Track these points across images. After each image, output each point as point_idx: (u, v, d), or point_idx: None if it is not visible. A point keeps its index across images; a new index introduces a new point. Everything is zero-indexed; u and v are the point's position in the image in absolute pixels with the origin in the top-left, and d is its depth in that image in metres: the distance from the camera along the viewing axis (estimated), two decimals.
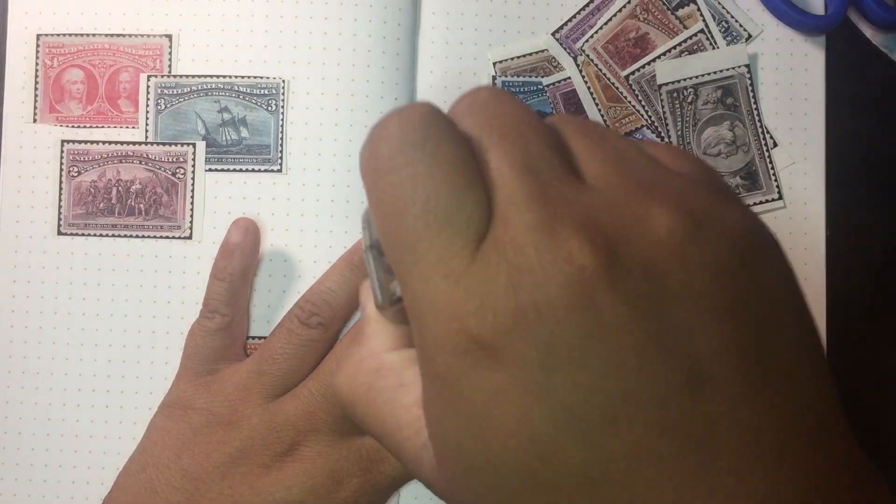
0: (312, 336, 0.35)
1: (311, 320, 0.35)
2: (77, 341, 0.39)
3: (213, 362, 0.36)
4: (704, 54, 0.40)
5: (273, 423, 0.33)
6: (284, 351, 0.35)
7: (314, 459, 0.33)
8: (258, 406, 0.34)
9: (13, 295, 0.39)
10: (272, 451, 0.33)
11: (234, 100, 0.39)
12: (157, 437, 0.35)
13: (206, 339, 0.36)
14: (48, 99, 0.40)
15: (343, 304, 0.36)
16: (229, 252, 0.36)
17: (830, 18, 0.40)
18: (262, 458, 0.33)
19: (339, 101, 0.39)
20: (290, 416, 0.33)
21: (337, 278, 0.36)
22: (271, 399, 0.34)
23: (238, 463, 0.33)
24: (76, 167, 0.39)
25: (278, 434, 0.33)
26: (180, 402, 0.35)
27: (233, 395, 0.34)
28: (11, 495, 0.38)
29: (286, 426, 0.33)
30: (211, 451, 0.33)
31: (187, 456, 0.34)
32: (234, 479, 0.33)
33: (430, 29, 0.40)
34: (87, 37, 0.40)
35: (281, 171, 0.39)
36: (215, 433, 0.34)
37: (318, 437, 0.33)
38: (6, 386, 0.39)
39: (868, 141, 0.41)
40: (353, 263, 0.36)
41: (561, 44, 0.40)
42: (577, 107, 0.40)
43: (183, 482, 0.33)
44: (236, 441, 0.33)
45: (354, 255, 0.37)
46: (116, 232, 0.39)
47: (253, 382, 0.34)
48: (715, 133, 0.40)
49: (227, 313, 0.36)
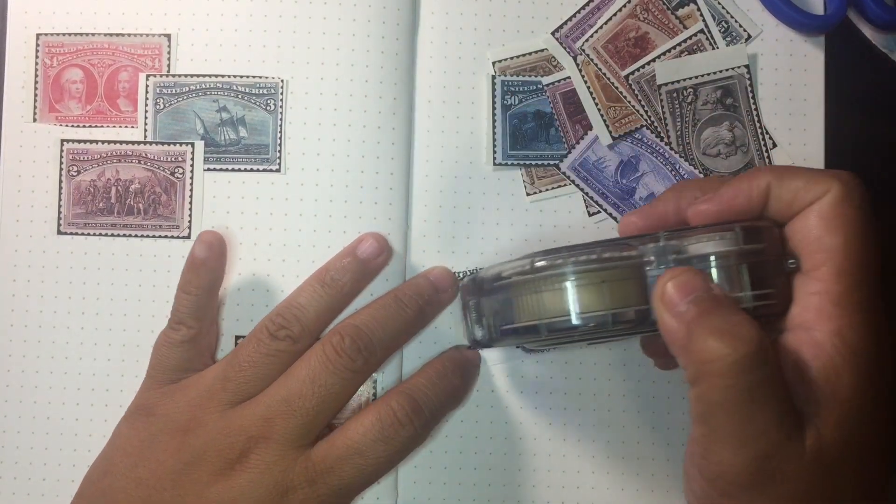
0: (280, 347, 0.35)
1: (280, 333, 0.35)
2: (77, 341, 0.39)
3: (178, 372, 0.36)
4: (704, 54, 0.40)
5: (228, 428, 0.33)
6: (251, 359, 0.35)
7: (261, 469, 0.33)
8: (216, 412, 0.34)
9: (13, 295, 0.39)
10: (223, 457, 0.33)
11: (232, 99, 0.39)
12: (118, 443, 0.35)
13: (171, 349, 0.36)
14: (48, 98, 0.40)
15: (312, 319, 0.36)
16: (195, 266, 0.37)
17: (830, 18, 0.40)
18: (214, 465, 0.33)
19: (339, 101, 0.39)
20: (246, 421, 0.33)
21: (308, 295, 0.36)
22: (231, 406, 0.34)
23: (190, 470, 0.33)
24: (76, 166, 0.39)
25: (231, 440, 0.33)
26: (142, 410, 0.36)
27: (195, 401, 0.35)
28: (11, 495, 0.39)
29: (240, 432, 0.33)
30: (166, 458, 0.34)
31: (143, 464, 0.34)
32: (185, 488, 0.33)
33: (429, 29, 0.40)
34: (86, 36, 0.40)
35: (279, 170, 0.39)
36: (173, 439, 0.34)
37: (268, 445, 0.33)
38: (6, 385, 0.39)
39: (868, 141, 0.41)
40: (324, 281, 0.37)
41: (560, 43, 0.40)
42: (576, 106, 0.40)
43: (137, 490, 0.33)
44: (191, 447, 0.33)
45: (326, 274, 0.37)
46: (116, 231, 0.39)
47: (216, 389, 0.35)
48: (714, 133, 0.40)
49: (193, 326, 0.36)
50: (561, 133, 0.40)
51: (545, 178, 0.40)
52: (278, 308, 0.36)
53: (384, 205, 0.39)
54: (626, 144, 0.40)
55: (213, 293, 0.38)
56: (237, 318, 0.39)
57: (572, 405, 0.39)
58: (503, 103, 0.40)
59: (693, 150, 0.40)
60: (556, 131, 0.40)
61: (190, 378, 0.36)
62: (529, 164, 0.40)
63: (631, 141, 0.40)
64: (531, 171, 0.40)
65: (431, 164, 0.40)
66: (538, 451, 0.39)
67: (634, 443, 0.39)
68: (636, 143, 0.40)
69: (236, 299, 0.39)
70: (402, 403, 0.34)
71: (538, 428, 0.39)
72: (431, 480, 0.39)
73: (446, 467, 0.39)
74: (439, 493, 0.39)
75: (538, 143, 0.40)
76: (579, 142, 0.40)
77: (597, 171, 0.40)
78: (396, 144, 0.39)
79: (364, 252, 0.37)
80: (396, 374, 0.39)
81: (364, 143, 0.39)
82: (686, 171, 0.40)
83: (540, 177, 0.40)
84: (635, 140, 0.40)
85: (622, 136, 0.40)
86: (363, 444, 0.33)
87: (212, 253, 0.37)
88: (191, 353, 0.36)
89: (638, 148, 0.40)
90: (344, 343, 0.34)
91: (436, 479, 0.39)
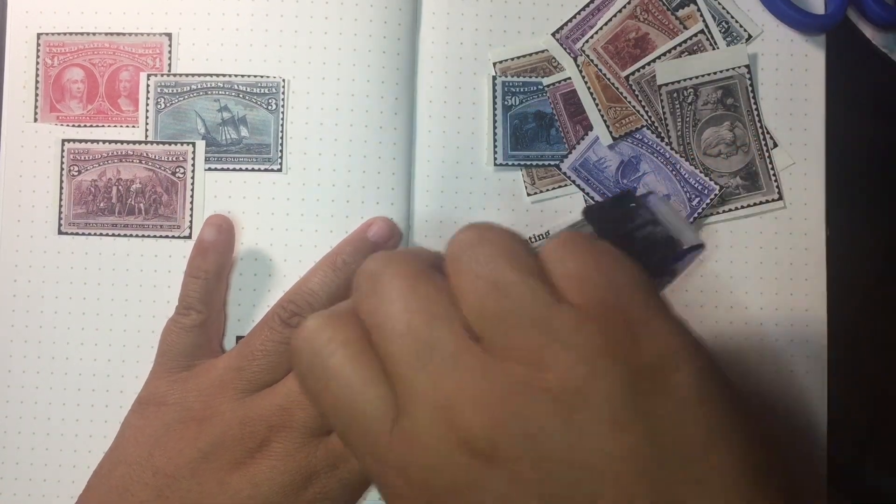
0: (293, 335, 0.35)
1: (293, 320, 0.35)
2: (77, 341, 0.39)
3: (188, 359, 0.36)
4: (704, 55, 0.40)
5: (246, 417, 0.33)
6: (264, 348, 0.34)
7: (285, 457, 0.33)
8: (233, 401, 0.34)
9: (13, 294, 0.39)
10: (243, 446, 0.33)
11: (233, 99, 0.39)
12: (129, 434, 0.35)
13: (180, 335, 0.36)
14: (48, 98, 0.40)
15: (324, 304, 0.35)
16: (203, 250, 0.37)
17: (830, 17, 0.40)
18: (234, 454, 0.33)
19: (339, 101, 0.39)
20: (265, 411, 0.33)
21: (319, 279, 0.36)
22: (247, 395, 0.34)
23: (209, 458, 0.33)
24: (76, 166, 0.39)
25: (251, 429, 0.33)
26: (154, 399, 0.35)
27: (208, 390, 0.34)
28: (11, 495, 0.39)
29: (259, 421, 0.33)
30: (183, 446, 0.33)
31: (159, 453, 0.33)
32: (204, 476, 0.33)
33: (430, 29, 0.40)
34: (87, 36, 0.40)
35: (281, 170, 0.39)
36: (188, 428, 0.34)
37: (290, 434, 0.33)
38: (6, 385, 0.39)
39: (868, 141, 0.41)
40: (335, 265, 0.36)
41: (561, 44, 0.40)
42: (577, 107, 0.40)
43: (154, 479, 0.33)
44: (208, 436, 0.33)
45: (337, 257, 0.37)
46: (117, 231, 0.39)
47: (230, 378, 0.34)
48: (715, 133, 0.40)
49: (202, 311, 0.36)
50: (561, 133, 0.40)
51: (546, 179, 0.40)
52: (289, 294, 0.36)
53: (385, 205, 0.39)
54: (627, 145, 0.40)
55: (222, 278, 0.37)
56: (238, 317, 0.39)
57: None
58: (504, 104, 0.40)
59: (694, 150, 0.40)
60: (557, 132, 0.40)
61: (201, 366, 0.36)
62: (530, 164, 0.40)
63: (631, 141, 0.40)
64: (532, 171, 0.40)
65: (432, 164, 0.40)
66: None
67: None
68: (637, 144, 0.40)
69: (237, 299, 0.39)
70: None
71: None
72: None
73: None
74: None
75: (539, 144, 0.40)
76: (580, 142, 0.40)
77: (598, 171, 0.40)
78: (398, 144, 0.39)
79: (374, 235, 0.37)
80: None
81: (365, 143, 0.39)
82: (687, 171, 0.40)
83: (541, 177, 0.40)
84: (636, 140, 0.40)
85: (623, 136, 0.40)
86: None
87: (220, 236, 0.37)
88: (200, 339, 0.36)
89: (638, 148, 0.40)
90: None
91: None
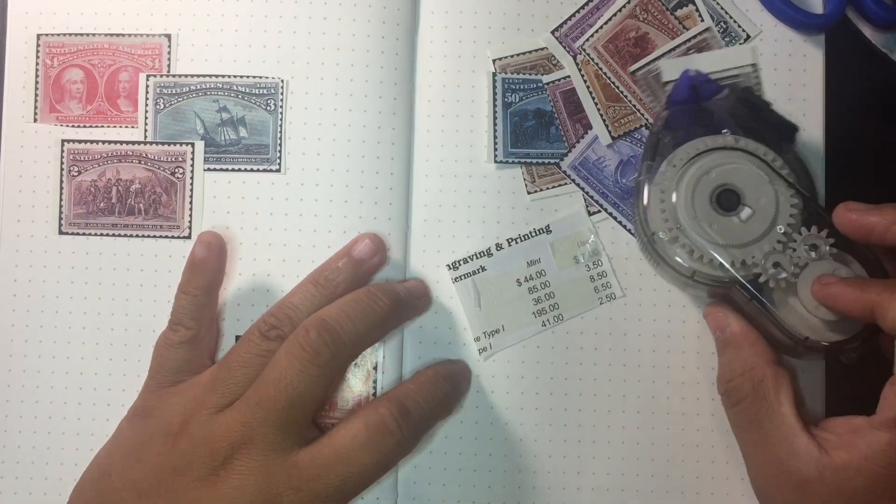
0: (270, 347, 0.34)
1: (271, 333, 0.35)
2: (77, 341, 0.39)
3: (178, 374, 0.36)
4: (710, 53, 0.40)
5: (212, 435, 0.33)
6: (241, 360, 0.35)
7: (245, 475, 0.32)
8: (205, 418, 0.34)
9: (14, 294, 0.39)
10: (208, 464, 0.33)
11: (232, 99, 0.39)
12: (120, 441, 0.35)
13: (170, 351, 0.36)
14: (48, 98, 0.40)
15: (304, 319, 0.35)
16: (194, 267, 0.37)
17: (829, 17, 0.40)
18: (200, 471, 0.33)
19: (339, 101, 0.39)
20: (228, 427, 0.33)
21: (301, 295, 0.36)
22: (220, 410, 0.34)
23: (179, 475, 0.33)
24: (76, 167, 0.39)
25: (214, 447, 0.33)
26: (141, 411, 0.36)
27: (189, 405, 0.34)
28: (12, 494, 0.39)
29: (222, 438, 0.33)
30: (159, 461, 0.33)
31: (138, 466, 0.34)
32: (177, 492, 0.33)
33: (429, 28, 0.40)
34: (86, 36, 0.40)
35: (280, 170, 0.39)
36: (165, 443, 0.34)
37: (251, 450, 0.33)
38: (6, 385, 0.39)
39: (867, 141, 0.41)
40: (318, 282, 0.37)
41: (560, 42, 0.40)
42: (576, 105, 0.40)
43: (129, 493, 0.33)
44: (179, 452, 0.33)
45: (321, 275, 0.37)
46: (116, 231, 0.39)
47: (208, 391, 0.34)
48: None
49: (192, 326, 0.36)
50: (561, 132, 0.40)
51: (546, 177, 0.40)
52: (271, 309, 0.36)
53: (384, 204, 0.39)
54: (626, 144, 0.40)
55: (212, 294, 0.38)
56: (238, 318, 0.39)
57: (573, 405, 0.39)
58: (504, 101, 0.40)
59: None
60: (557, 130, 0.40)
61: (187, 382, 0.36)
62: (530, 162, 0.40)
63: (630, 140, 0.40)
64: (532, 169, 0.40)
65: (432, 163, 0.40)
66: (538, 452, 0.39)
67: (634, 443, 0.39)
68: (635, 143, 0.40)
69: (236, 299, 0.39)
70: (391, 409, 0.33)
71: (538, 428, 0.39)
72: (431, 481, 0.39)
73: (446, 468, 0.39)
74: (439, 493, 0.39)
75: (539, 142, 0.40)
76: (579, 140, 0.40)
77: (597, 170, 0.40)
78: (396, 144, 0.39)
79: (359, 253, 0.37)
80: (396, 373, 0.39)
81: (364, 143, 0.39)
82: None
83: (541, 175, 0.40)
84: (634, 140, 0.40)
85: (621, 135, 0.40)
86: (350, 451, 0.33)
87: (211, 253, 0.37)
88: (190, 355, 0.36)
89: (637, 147, 0.40)
90: (309, 337, 0.33)
91: (436, 479, 0.39)
